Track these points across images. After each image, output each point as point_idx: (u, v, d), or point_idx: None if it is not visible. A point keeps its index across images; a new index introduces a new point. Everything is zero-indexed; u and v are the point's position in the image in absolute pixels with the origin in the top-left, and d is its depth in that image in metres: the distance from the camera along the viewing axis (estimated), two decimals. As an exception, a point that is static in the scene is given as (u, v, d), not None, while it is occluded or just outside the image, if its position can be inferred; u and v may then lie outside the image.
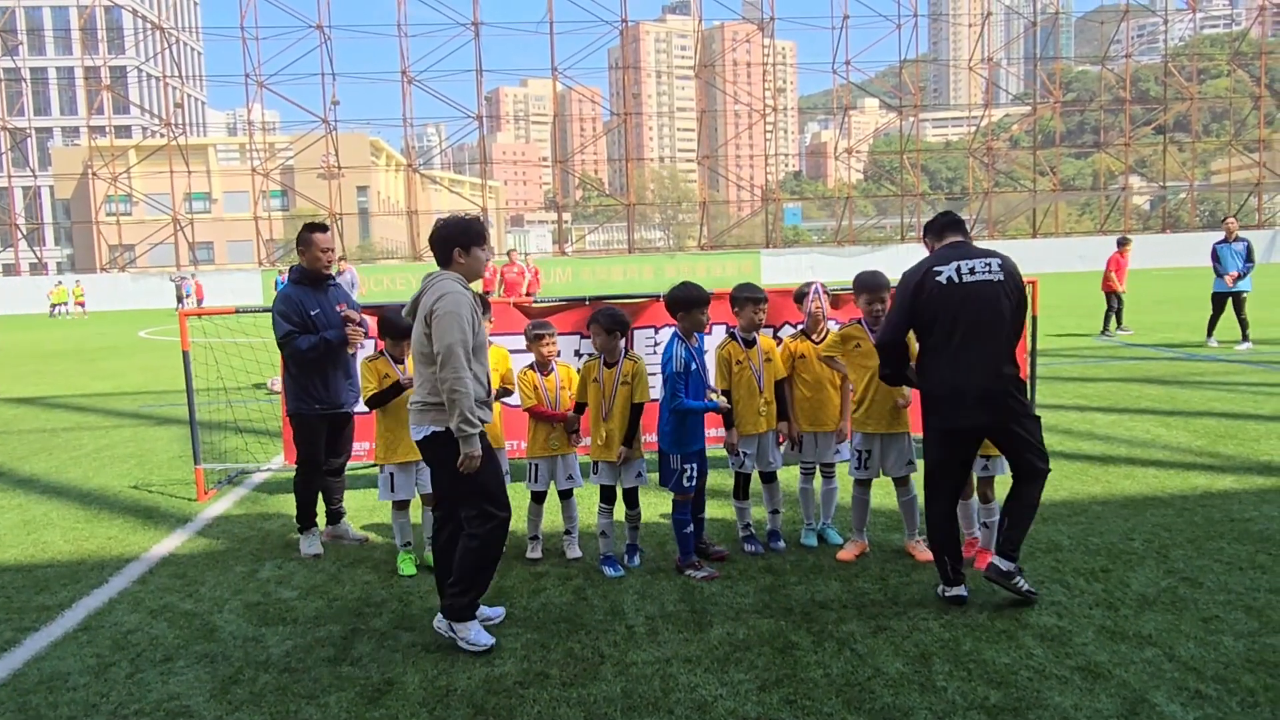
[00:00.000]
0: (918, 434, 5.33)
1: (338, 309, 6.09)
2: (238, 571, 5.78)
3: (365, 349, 6.39)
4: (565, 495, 5.89)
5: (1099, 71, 67.89)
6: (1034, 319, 7.59)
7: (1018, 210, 60.80)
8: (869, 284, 5.66)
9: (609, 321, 5.53)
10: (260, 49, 68.01)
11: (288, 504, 7.38)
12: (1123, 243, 17.90)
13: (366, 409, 5.91)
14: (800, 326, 6.13)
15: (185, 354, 7.65)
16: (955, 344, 4.69)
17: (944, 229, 4.98)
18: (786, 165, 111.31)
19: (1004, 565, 4.73)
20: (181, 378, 7.84)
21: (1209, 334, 15.21)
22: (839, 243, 55.60)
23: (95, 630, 4.90)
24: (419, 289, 4.52)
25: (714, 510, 6.48)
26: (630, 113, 58.41)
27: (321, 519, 6.45)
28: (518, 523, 6.25)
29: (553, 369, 5.80)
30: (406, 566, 5.69)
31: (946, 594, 4.86)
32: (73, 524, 6.99)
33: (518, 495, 5.83)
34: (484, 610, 4.74)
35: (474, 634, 4.49)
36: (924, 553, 5.50)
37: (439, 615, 4.58)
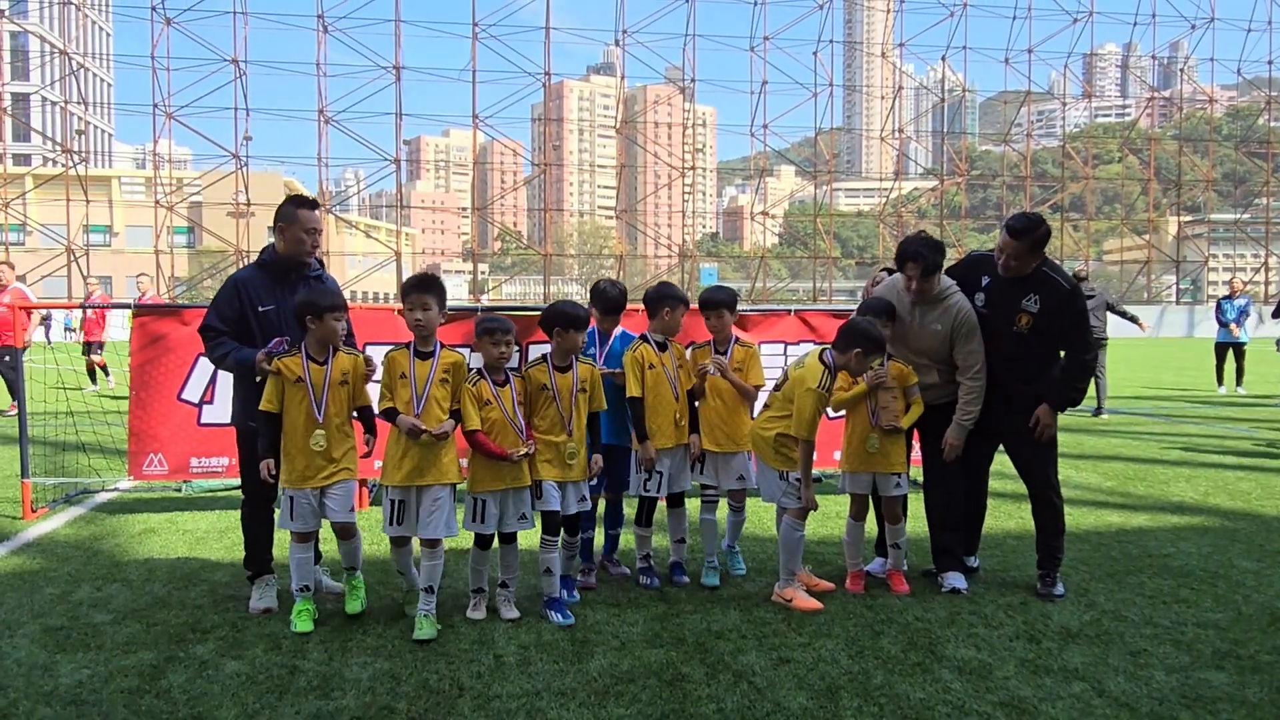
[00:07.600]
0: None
1: None
2: (47, 593, 4.94)
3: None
4: (508, 540, 4.69)
5: (1002, 151, 70.73)
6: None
7: (925, 279, 62.20)
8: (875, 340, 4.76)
9: (552, 320, 4.71)
10: (171, 80, 65.94)
11: (127, 525, 6.54)
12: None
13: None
14: (708, 342, 5.63)
15: (18, 351, 6.78)
16: None
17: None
18: (704, 225, 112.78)
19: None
20: (28, 388, 6.94)
21: (1219, 382, 16.76)
22: (753, 302, 56.15)
23: None
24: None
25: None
26: (551, 164, 58.24)
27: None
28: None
29: (508, 379, 4.62)
30: (302, 621, 4.37)
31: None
32: None
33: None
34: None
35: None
36: (811, 580, 5.08)
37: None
